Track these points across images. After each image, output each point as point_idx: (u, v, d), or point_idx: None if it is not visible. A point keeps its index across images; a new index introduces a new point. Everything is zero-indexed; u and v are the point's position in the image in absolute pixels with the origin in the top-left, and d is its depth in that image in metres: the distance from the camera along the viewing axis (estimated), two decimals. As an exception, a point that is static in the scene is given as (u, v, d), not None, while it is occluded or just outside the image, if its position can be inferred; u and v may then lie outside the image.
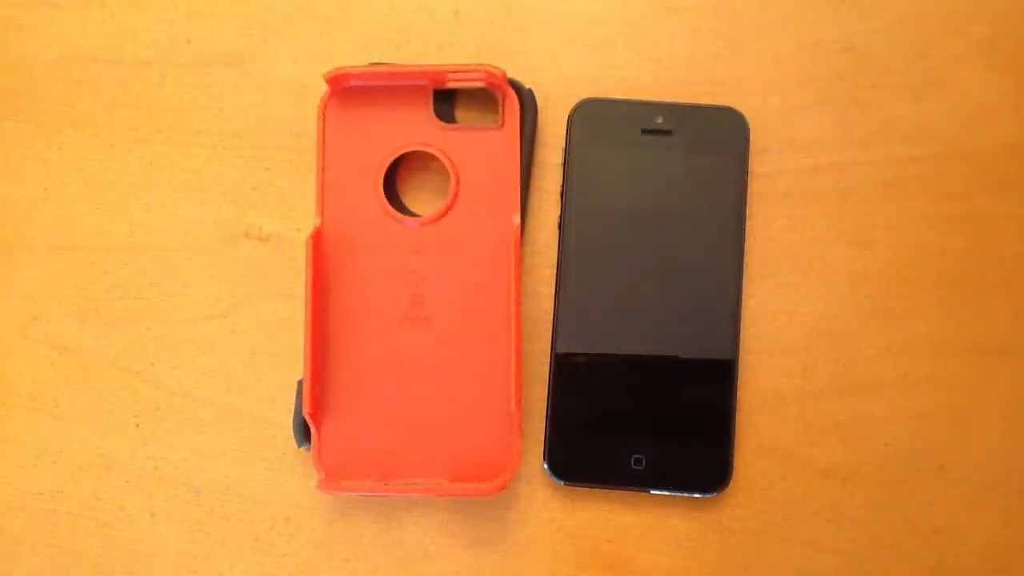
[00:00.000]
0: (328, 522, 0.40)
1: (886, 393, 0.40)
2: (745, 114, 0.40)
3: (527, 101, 0.40)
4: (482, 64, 0.39)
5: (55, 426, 0.41)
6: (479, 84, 0.39)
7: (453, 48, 0.41)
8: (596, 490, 0.40)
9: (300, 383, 0.39)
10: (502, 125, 0.40)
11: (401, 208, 0.40)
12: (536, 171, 0.41)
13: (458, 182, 0.40)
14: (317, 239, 0.39)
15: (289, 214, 0.41)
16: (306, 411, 0.38)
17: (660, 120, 0.40)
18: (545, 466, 0.39)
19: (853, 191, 0.40)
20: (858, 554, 0.39)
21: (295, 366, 0.41)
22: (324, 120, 0.40)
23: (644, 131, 0.40)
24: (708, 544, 0.40)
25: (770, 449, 0.40)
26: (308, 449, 0.39)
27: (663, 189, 0.40)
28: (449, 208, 0.40)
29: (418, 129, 0.40)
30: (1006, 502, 0.39)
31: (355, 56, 0.41)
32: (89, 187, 0.42)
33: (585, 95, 0.40)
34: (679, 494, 0.39)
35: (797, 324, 0.40)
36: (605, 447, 0.39)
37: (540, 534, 0.40)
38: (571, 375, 0.39)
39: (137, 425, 0.41)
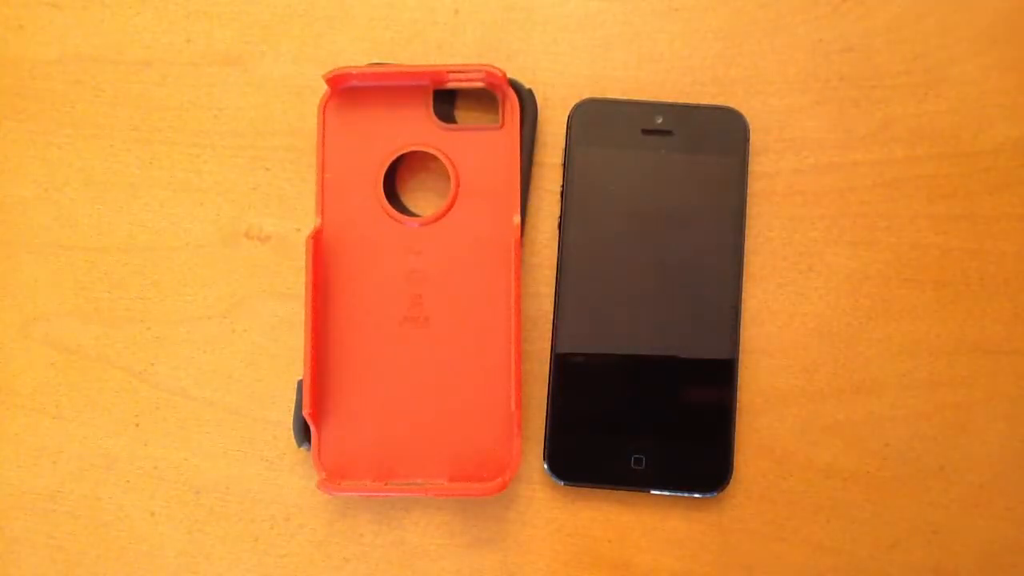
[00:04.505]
0: (328, 522, 0.40)
1: (886, 393, 0.40)
2: (745, 114, 0.40)
3: (527, 101, 0.40)
4: (482, 64, 0.39)
5: (55, 426, 0.41)
6: (479, 84, 0.39)
7: (453, 48, 0.41)
8: (596, 490, 0.40)
9: (300, 383, 0.39)
10: (502, 125, 0.40)
11: (401, 208, 0.40)
12: (536, 171, 0.41)
13: (458, 182, 0.40)
14: (317, 239, 0.39)
15: (289, 214, 0.41)
16: (306, 411, 0.38)
17: (660, 120, 0.40)
18: (545, 466, 0.39)
19: (853, 191, 0.40)
20: (858, 554, 0.39)
21: (295, 366, 0.41)
22: (324, 120, 0.40)
23: (644, 131, 0.40)
24: (708, 544, 0.40)
25: (770, 449, 0.40)
26: (308, 449, 0.39)
27: (663, 189, 0.40)
28: (449, 208, 0.40)
29: (418, 129, 0.40)
30: (1006, 502, 0.39)
31: (355, 56, 0.41)
32: (89, 187, 0.42)
33: (585, 95, 0.40)
34: (679, 494, 0.39)
35: (797, 324, 0.40)
36: (605, 447, 0.39)
37: (540, 534, 0.40)
38: (571, 375, 0.39)
39: (137, 425, 0.41)
